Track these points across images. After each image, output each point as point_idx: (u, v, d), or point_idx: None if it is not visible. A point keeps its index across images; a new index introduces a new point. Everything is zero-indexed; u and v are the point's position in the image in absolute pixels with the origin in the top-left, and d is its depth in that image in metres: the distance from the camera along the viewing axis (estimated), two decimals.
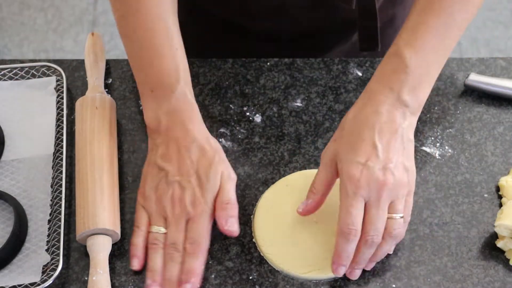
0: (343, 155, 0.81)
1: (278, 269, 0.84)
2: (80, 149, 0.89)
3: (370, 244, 0.80)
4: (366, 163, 0.79)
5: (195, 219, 0.82)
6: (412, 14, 0.85)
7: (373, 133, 0.80)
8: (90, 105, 0.92)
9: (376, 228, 0.79)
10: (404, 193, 0.81)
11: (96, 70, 0.97)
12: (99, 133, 0.90)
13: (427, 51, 0.83)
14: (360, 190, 0.78)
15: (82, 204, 0.85)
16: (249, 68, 1.01)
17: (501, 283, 0.84)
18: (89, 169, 0.87)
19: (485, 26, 2.32)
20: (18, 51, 2.26)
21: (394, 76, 0.82)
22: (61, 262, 0.83)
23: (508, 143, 0.94)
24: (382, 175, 0.79)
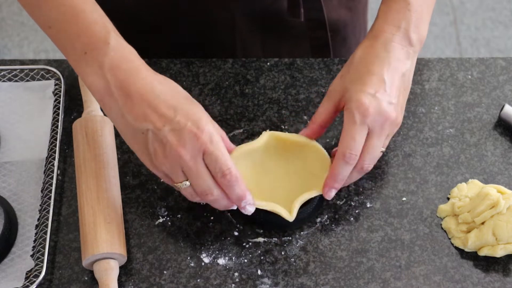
0: (351, 85, 0.83)
1: None
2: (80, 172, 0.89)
3: (363, 170, 0.84)
4: (375, 94, 0.81)
5: (208, 151, 0.77)
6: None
7: (381, 68, 0.83)
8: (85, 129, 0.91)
9: (373, 157, 0.84)
10: (394, 131, 0.85)
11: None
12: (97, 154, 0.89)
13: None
14: (367, 118, 0.81)
15: (87, 229, 0.83)
16: (249, 68, 1.01)
17: (501, 283, 0.84)
18: (92, 193, 0.86)
19: (485, 26, 2.32)
20: (18, 51, 2.26)
21: (399, 14, 0.85)
22: (44, 268, 0.83)
23: (508, 143, 0.94)
24: (388, 107, 0.82)
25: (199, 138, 0.77)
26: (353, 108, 0.81)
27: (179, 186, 0.80)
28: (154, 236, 0.87)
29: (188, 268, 0.85)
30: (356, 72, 0.84)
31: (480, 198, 0.85)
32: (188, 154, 0.77)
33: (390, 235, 0.87)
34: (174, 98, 0.78)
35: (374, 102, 0.81)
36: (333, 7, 1.08)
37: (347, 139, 0.82)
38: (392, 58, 0.83)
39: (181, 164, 0.78)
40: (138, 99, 0.77)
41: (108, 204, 0.85)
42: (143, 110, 0.77)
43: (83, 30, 0.79)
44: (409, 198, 0.90)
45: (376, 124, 0.82)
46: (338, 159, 0.82)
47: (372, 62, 0.83)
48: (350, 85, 0.83)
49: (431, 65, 1.02)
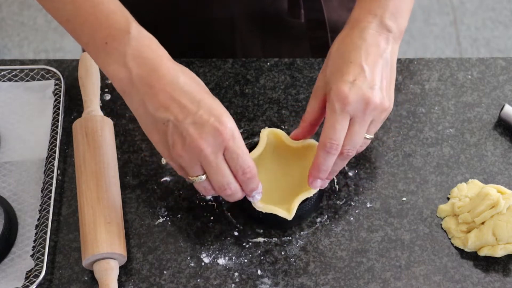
0: (331, 77, 0.82)
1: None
2: (80, 172, 0.89)
3: (345, 157, 0.83)
4: (354, 81, 0.80)
5: (229, 147, 0.77)
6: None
7: (359, 55, 0.82)
8: (85, 129, 0.91)
9: (354, 143, 0.82)
10: (383, 117, 0.83)
11: (91, 89, 0.96)
12: (97, 154, 0.89)
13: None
14: (348, 106, 0.80)
15: (87, 229, 0.83)
16: (249, 68, 1.01)
17: (501, 283, 0.84)
18: (92, 193, 0.86)
19: (485, 26, 2.32)
20: (18, 51, 2.26)
21: (375, 3, 0.84)
22: (44, 268, 0.83)
23: (508, 143, 0.94)
24: (370, 93, 0.80)
25: (221, 134, 0.76)
26: (333, 98, 0.81)
27: (194, 179, 0.80)
28: (154, 236, 0.87)
29: (188, 268, 0.85)
30: (334, 64, 0.83)
31: (480, 198, 0.85)
32: (209, 148, 0.77)
33: (390, 235, 0.87)
34: (196, 91, 0.78)
35: (354, 89, 0.80)
36: (333, 8, 1.08)
37: (327, 128, 0.81)
38: (370, 44, 0.82)
39: (200, 158, 0.77)
40: (160, 89, 0.77)
41: (108, 204, 0.85)
42: (165, 100, 0.77)
43: (102, 21, 0.78)
44: (409, 198, 0.90)
45: (357, 110, 0.80)
46: (320, 149, 0.82)
47: (348, 51, 0.82)
48: (330, 77, 0.83)
49: (431, 65, 1.02)
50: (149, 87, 0.77)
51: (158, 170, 0.92)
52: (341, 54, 0.83)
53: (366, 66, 0.81)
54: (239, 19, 1.06)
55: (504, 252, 0.84)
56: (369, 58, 0.82)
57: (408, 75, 1.00)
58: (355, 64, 0.81)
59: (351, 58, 0.82)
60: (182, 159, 0.78)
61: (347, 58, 0.82)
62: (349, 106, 0.80)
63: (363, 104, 0.80)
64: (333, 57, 0.84)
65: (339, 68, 0.82)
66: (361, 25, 0.84)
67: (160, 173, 0.92)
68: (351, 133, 0.81)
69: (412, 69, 1.01)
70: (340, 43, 0.84)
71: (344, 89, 0.80)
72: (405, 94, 0.99)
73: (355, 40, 0.83)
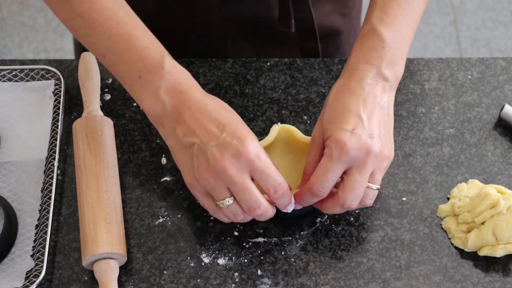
0: (329, 125, 0.82)
1: None
2: (80, 172, 0.89)
3: (345, 208, 0.81)
4: (353, 130, 0.80)
5: (256, 168, 0.78)
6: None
7: (357, 104, 0.81)
8: (85, 129, 0.91)
9: (356, 194, 0.81)
10: (385, 165, 0.82)
11: (91, 89, 0.96)
12: (97, 154, 0.89)
13: (400, 26, 0.86)
14: (345, 155, 0.79)
15: (87, 229, 0.83)
16: (249, 68, 1.01)
17: (501, 283, 0.84)
18: (92, 193, 0.86)
19: (485, 26, 2.32)
20: (18, 51, 2.26)
21: (373, 52, 0.84)
22: (44, 268, 0.83)
23: (508, 143, 0.94)
24: (369, 142, 0.80)
25: (244, 155, 0.77)
26: (332, 146, 0.80)
27: (220, 204, 0.80)
28: (154, 236, 0.87)
29: (188, 268, 0.85)
30: (333, 112, 0.82)
31: (480, 198, 0.85)
32: (233, 168, 0.77)
33: (390, 235, 0.87)
34: (224, 116, 0.79)
35: (353, 138, 0.79)
36: (325, 14, 1.08)
37: (319, 173, 0.80)
38: (367, 94, 0.82)
39: (225, 179, 0.77)
40: (189, 116, 0.79)
41: (108, 204, 0.85)
42: (193, 126, 0.79)
43: (137, 56, 0.81)
44: (409, 198, 0.90)
45: (356, 159, 0.79)
46: (306, 188, 0.81)
47: (347, 101, 0.82)
48: (328, 126, 0.82)
49: (431, 65, 1.02)
50: (180, 115, 0.79)
51: (158, 170, 0.92)
52: (339, 103, 0.82)
53: (364, 115, 0.81)
54: (231, 28, 1.06)
55: (504, 252, 0.84)
56: (367, 107, 0.81)
57: (408, 75, 1.00)
58: (354, 113, 0.81)
59: (350, 107, 0.81)
60: (207, 181, 0.78)
61: (346, 107, 0.81)
62: (347, 155, 0.79)
63: (363, 153, 0.79)
64: (331, 105, 0.83)
65: (337, 116, 0.81)
66: (359, 74, 0.83)
67: (160, 173, 0.92)
68: (352, 183, 0.80)
69: (412, 69, 1.01)
70: (338, 91, 0.84)
71: (344, 137, 0.79)
72: (405, 94, 0.99)
73: (353, 89, 0.82)
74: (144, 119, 0.96)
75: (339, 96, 0.83)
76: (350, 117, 0.81)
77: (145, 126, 0.95)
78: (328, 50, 1.11)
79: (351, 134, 0.79)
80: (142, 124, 0.95)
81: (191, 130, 0.79)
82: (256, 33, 1.07)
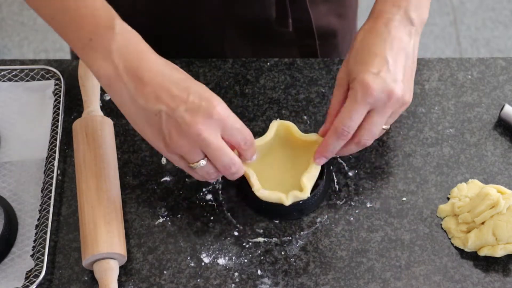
0: (355, 67, 0.83)
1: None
2: (80, 172, 0.89)
3: (361, 146, 0.84)
4: (378, 73, 0.81)
5: (227, 125, 0.79)
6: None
7: (383, 47, 0.83)
8: (85, 129, 0.91)
9: (373, 134, 0.84)
10: (401, 110, 0.85)
11: (91, 89, 0.96)
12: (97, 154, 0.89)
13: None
14: (370, 97, 0.81)
15: (87, 229, 0.83)
16: (249, 68, 1.01)
17: (501, 283, 0.84)
18: (92, 193, 0.86)
19: (485, 26, 2.32)
20: (18, 51, 2.26)
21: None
22: (44, 268, 0.83)
23: (508, 143, 0.94)
24: (393, 85, 0.81)
25: (215, 115, 0.77)
26: (356, 87, 0.81)
27: (195, 166, 0.80)
28: (154, 236, 0.87)
29: (188, 268, 0.85)
30: (359, 54, 0.84)
31: (480, 198, 0.85)
32: (206, 130, 0.77)
33: (390, 235, 0.87)
34: (183, 79, 0.79)
35: (378, 80, 0.81)
36: (322, 14, 1.08)
37: (344, 115, 0.82)
38: (394, 37, 0.83)
39: (199, 142, 0.78)
40: (149, 81, 0.77)
41: (108, 204, 0.85)
42: (155, 91, 0.77)
43: (87, 18, 0.79)
44: (409, 198, 0.90)
45: (379, 102, 0.81)
46: (332, 132, 0.83)
47: (373, 43, 0.83)
48: (353, 67, 0.83)
49: (431, 65, 1.02)
50: (137, 79, 0.77)
51: (158, 170, 0.92)
52: (365, 45, 0.84)
53: (390, 58, 0.82)
54: (229, 27, 1.06)
55: (504, 252, 0.84)
56: (393, 51, 0.83)
57: None
58: (380, 56, 0.82)
59: (376, 50, 0.83)
60: (181, 147, 0.78)
61: (372, 50, 0.83)
62: (372, 97, 0.81)
63: (385, 96, 0.81)
64: (358, 48, 0.84)
65: (363, 59, 0.83)
66: (386, 17, 0.84)
67: (160, 173, 0.92)
68: (371, 124, 0.83)
69: None
70: (365, 34, 0.85)
71: (369, 79, 0.81)
72: None
73: (380, 32, 0.84)
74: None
75: (365, 39, 0.84)
76: (375, 59, 0.82)
77: None
78: (325, 51, 1.11)
79: (376, 76, 0.81)
80: None
81: (155, 96, 0.77)
82: (254, 32, 1.07)
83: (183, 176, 0.91)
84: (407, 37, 0.84)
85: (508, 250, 0.84)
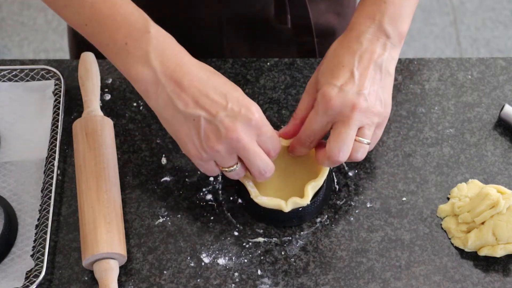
0: (322, 78, 0.83)
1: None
2: (79, 172, 0.89)
3: (333, 161, 0.82)
4: (341, 86, 0.81)
5: (263, 133, 0.80)
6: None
7: (352, 59, 0.82)
8: (85, 129, 0.91)
9: (342, 146, 0.81)
10: (375, 121, 0.83)
11: (91, 89, 0.96)
12: (97, 154, 0.89)
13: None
14: (330, 110, 0.81)
15: (87, 229, 0.83)
16: (249, 68, 1.01)
17: (501, 283, 0.84)
18: (92, 193, 0.86)
19: (485, 26, 2.32)
20: (18, 51, 2.26)
21: (374, 7, 0.84)
22: (44, 268, 0.83)
23: (508, 143, 0.94)
24: (356, 98, 0.81)
25: (253, 123, 0.78)
26: (318, 99, 0.82)
27: (229, 170, 0.82)
28: (154, 236, 0.87)
29: (188, 268, 0.85)
30: (328, 64, 0.84)
31: (480, 198, 0.85)
32: (245, 137, 0.78)
33: (390, 235, 0.87)
34: (221, 84, 0.79)
35: (340, 93, 0.81)
36: (320, 12, 1.08)
37: (306, 125, 0.84)
38: (366, 50, 0.83)
39: (238, 148, 0.79)
40: (187, 85, 0.78)
41: (108, 204, 0.85)
42: (194, 96, 0.78)
43: (121, 22, 0.78)
44: (409, 198, 0.90)
45: (341, 114, 0.81)
46: (297, 140, 0.85)
47: (343, 54, 0.83)
48: (321, 78, 0.83)
49: (431, 65, 1.02)
50: (176, 83, 0.78)
51: (158, 170, 0.92)
52: (335, 56, 0.84)
53: (356, 71, 0.82)
54: (227, 24, 1.06)
55: (504, 252, 0.84)
56: (361, 63, 0.82)
57: (408, 75, 1.00)
58: (346, 68, 0.82)
59: (344, 61, 0.82)
60: (218, 153, 0.79)
61: (340, 62, 0.83)
62: (331, 110, 0.81)
63: (348, 108, 0.80)
64: (328, 58, 0.85)
65: (331, 70, 0.83)
66: (359, 29, 0.84)
67: (160, 173, 0.92)
68: (337, 135, 0.81)
69: (412, 69, 1.01)
70: (337, 45, 0.85)
71: (330, 92, 0.81)
72: (405, 94, 0.99)
73: (351, 44, 0.83)
74: (144, 119, 0.96)
75: (337, 50, 0.84)
76: (342, 72, 0.82)
77: (145, 126, 0.95)
78: (324, 49, 1.11)
79: (339, 89, 0.81)
80: (142, 124, 0.95)
81: (194, 100, 0.78)
82: (252, 30, 1.07)
83: (183, 176, 0.91)
84: (380, 50, 0.83)
85: (508, 250, 0.84)
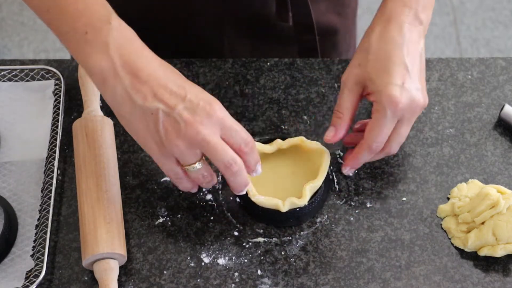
0: (376, 78, 0.82)
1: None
2: (79, 172, 0.89)
3: (387, 154, 0.86)
4: (403, 85, 0.81)
5: (226, 126, 0.77)
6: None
7: (402, 54, 0.83)
8: (85, 129, 0.91)
9: (400, 142, 0.85)
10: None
11: (91, 89, 0.95)
12: (97, 154, 0.89)
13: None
14: (399, 112, 0.82)
15: (87, 229, 0.83)
16: (249, 68, 1.01)
17: (501, 283, 0.84)
18: (92, 193, 0.86)
19: (485, 26, 2.32)
20: (18, 51, 2.26)
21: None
22: (44, 268, 0.83)
23: (508, 143, 0.94)
24: (418, 95, 0.82)
25: (213, 115, 0.76)
26: (385, 103, 0.81)
27: (191, 168, 0.79)
28: (154, 236, 0.87)
29: (188, 268, 0.85)
30: (377, 61, 0.83)
31: (480, 198, 0.85)
32: (206, 129, 0.76)
33: (390, 235, 0.87)
34: (178, 78, 0.78)
35: (405, 93, 0.81)
36: (321, 12, 1.08)
37: (375, 131, 0.83)
38: (409, 41, 0.83)
39: (198, 142, 0.76)
40: (146, 78, 0.76)
41: (108, 204, 0.85)
42: (153, 89, 0.76)
43: (83, 10, 0.76)
44: (409, 198, 0.90)
45: (407, 113, 0.82)
46: (363, 147, 0.84)
47: (391, 49, 0.83)
48: (375, 76, 0.83)
49: (431, 65, 1.02)
50: (134, 75, 0.76)
51: (158, 170, 0.92)
52: (382, 51, 0.83)
53: (409, 65, 0.82)
54: (228, 23, 1.06)
55: (504, 252, 0.84)
56: (410, 56, 0.83)
57: None
58: (401, 64, 0.82)
59: (395, 57, 0.82)
60: (177, 147, 0.77)
61: (391, 57, 0.82)
62: (400, 111, 0.81)
63: (413, 107, 0.82)
64: (374, 53, 0.83)
65: (384, 67, 0.82)
66: (398, 19, 0.84)
67: (160, 173, 0.92)
68: (398, 134, 0.84)
69: None
70: (379, 37, 0.84)
71: (396, 94, 0.81)
72: None
73: (394, 36, 0.83)
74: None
75: (381, 43, 0.84)
76: (397, 68, 0.82)
77: None
78: (325, 48, 1.11)
79: (402, 89, 0.81)
80: None
81: (152, 93, 0.76)
82: (253, 28, 1.07)
83: None
84: (418, 38, 0.84)
85: (508, 250, 0.84)
